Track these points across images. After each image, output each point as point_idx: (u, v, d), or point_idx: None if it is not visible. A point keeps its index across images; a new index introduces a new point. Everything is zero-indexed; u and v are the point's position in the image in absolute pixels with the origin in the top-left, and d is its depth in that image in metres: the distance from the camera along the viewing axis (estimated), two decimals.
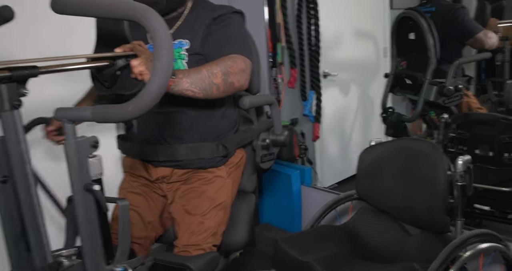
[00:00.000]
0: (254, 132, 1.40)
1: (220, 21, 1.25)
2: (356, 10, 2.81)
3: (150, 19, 0.77)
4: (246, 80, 1.20)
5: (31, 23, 1.55)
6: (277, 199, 2.42)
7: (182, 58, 1.25)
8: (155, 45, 0.76)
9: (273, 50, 2.46)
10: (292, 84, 2.59)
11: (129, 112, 0.77)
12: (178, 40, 1.26)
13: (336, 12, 2.72)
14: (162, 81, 0.77)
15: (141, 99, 0.77)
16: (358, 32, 2.83)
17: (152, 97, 0.77)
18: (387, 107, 2.46)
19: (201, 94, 1.11)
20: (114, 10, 0.79)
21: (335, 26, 2.71)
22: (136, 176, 1.38)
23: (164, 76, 0.77)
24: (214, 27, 1.25)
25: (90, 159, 0.88)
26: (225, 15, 1.26)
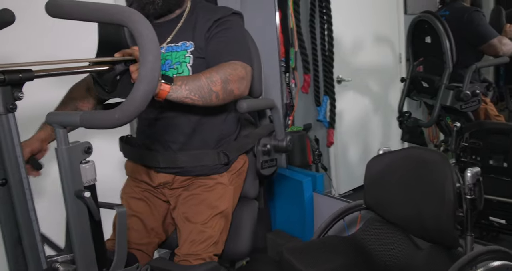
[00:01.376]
0: (255, 138, 1.38)
1: (220, 24, 1.25)
2: (370, 15, 2.77)
3: (136, 23, 0.76)
4: (246, 87, 1.20)
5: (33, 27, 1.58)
6: (289, 205, 2.40)
7: (187, 62, 1.24)
8: (141, 51, 0.75)
9: (286, 55, 2.45)
10: (306, 89, 2.58)
11: (115, 119, 0.77)
12: (181, 42, 1.26)
13: (350, 17, 2.69)
14: (147, 88, 0.76)
15: (127, 106, 0.76)
16: (372, 38, 2.79)
17: (138, 104, 0.76)
18: (404, 111, 2.40)
19: (200, 102, 1.11)
20: (102, 14, 0.79)
21: (349, 31, 2.69)
22: (138, 180, 1.39)
23: (149, 83, 0.76)
24: (215, 31, 1.24)
25: (82, 165, 0.86)
26: (225, 18, 1.26)
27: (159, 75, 0.77)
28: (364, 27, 2.76)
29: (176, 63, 1.25)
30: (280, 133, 1.38)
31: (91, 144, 0.87)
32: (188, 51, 1.25)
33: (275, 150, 1.40)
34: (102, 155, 1.63)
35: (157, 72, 0.76)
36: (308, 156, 2.57)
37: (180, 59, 1.25)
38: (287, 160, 2.45)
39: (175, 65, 1.25)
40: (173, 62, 1.25)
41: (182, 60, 1.24)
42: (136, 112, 0.76)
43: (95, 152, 1.62)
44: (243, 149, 1.37)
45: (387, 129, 2.89)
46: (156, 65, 0.75)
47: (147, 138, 1.34)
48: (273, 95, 2.40)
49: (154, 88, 0.76)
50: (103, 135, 1.46)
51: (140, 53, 0.74)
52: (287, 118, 2.53)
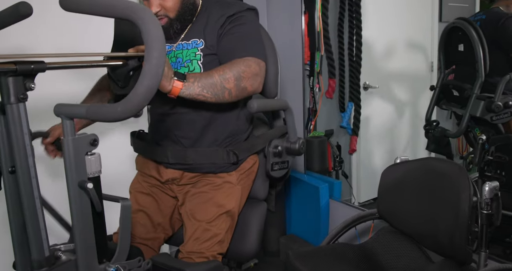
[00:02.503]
0: (267, 139, 1.37)
1: (234, 20, 1.24)
2: (403, 21, 2.70)
3: (145, 20, 0.78)
4: (260, 84, 1.20)
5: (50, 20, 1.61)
6: (305, 210, 2.38)
7: (198, 59, 1.25)
8: (146, 47, 0.77)
9: (311, 59, 2.44)
10: (330, 94, 2.54)
11: (118, 113, 0.78)
12: (192, 40, 1.27)
13: (381, 22, 2.64)
14: (150, 83, 0.77)
15: (130, 100, 0.78)
16: (404, 44, 2.72)
17: (140, 99, 0.78)
18: (431, 120, 2.33)
19: (212, 99, 1.12)
20: (112, 9, 0.81)
21: (379, 36, 2.64)
22: (147, 175, 1.40)
23: (152, 79, 0.77)
24: (228, 27, 1.24)
25: (88, 156, 0.88)
26: (239, 13, 1.25)
27: (162, 72, 0.78)
28: (396, 33, 2.70)
29: (186, 61, 1.26)
30: (293, 135, 1.37)
31: (98, 137, 0.89)
32: (199, 49, 1.25)
33: (287, 152, 1.38)
34: (116, 148, 1.69)
35: (161, 68, 0.77)
36: (328, 162, 2.54)
37: (190, 57, 1.25)
38: (305, 165, 2.43)
39: (186, 63, 1.26)
40: (184, 60, 1.26)
41: (192, 58, 1.25)
42: (139, 106, 0.77)
43: (109, 146, 1.67)
44: (254, 149, 1.36)
45: (412, 139, 2.82)
46: (160, 61, 0.77)
47: (158, 132, 1.35)
48: (296, 99, 2.39)
49: (157, 84, 0.77)
50: (119, 129, 1.50)
51: (146, 49, 0.76)
52: (309, 123, 2.51)
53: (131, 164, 1.50)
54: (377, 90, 2.65)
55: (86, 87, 1.44)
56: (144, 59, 0.79)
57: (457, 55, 2.16)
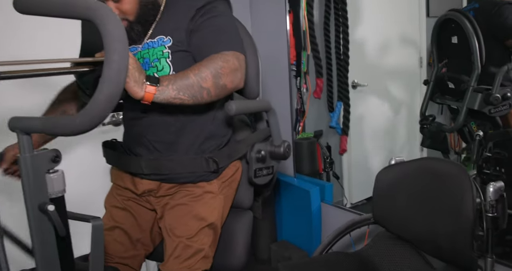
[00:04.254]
0: (249, 143, 1.24)
1: (205, 12, 1.12)
2: (390, 17, 2.62)
3: (103, 18, 0.69)
4: (241, 79, 1.09)
5: None
6: (296, 215, 2.24)
7: (166, 57, 1.13)
8: (106, 49, 0.69)
9: (298, 59, 2.32)
10: (318, 94, 2.43)
11: (76, 126, 0.70)
12: (158, 37, 1.14)
13: (368, 20, 2.54)
14: (110, 91, 0.69)
15: (88, 111, 0.69)
16: (391, 41, 2.64)
17: (100, 109, 0.69)
18: (427, 115, 2.21)
19: (190, 101, 1.01)
20: (68, 9, 0.72)
21: (366, 34, 2.54)
22: (121, 188, 1.27)
23: (113, 86, 0.69)
24: (200, 20, 1.11)
25: (49, 174, 0.78)
26: (210, 4, 1.13)
27: (125, 77, 0.70)
28: (383, 30, 2.61)
29: (154, 60, 1.13)
30: (277, 138, 1.24)
31: (60, 152, 0.79)
32: (166, 47, 1.13)
33: (271, 157, 1.25)
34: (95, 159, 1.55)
35: (122, 73, 0.69)
36: (318, 163, 2.42)
37: (158, 56, 1.13)
38: (295, 168, 2.31)
39: (154, 62, 1.13)
40: (151, 60, 1.14)
41: (160, 56, 1.13)
42: (99, 117, 0.69)
43: (87, 156, 1.51)
44: (235, 156, 1.24)
45: (404, 136, 2.74)
46: (121, 65, 0.69)
47: (131, 139, 1.23)
48: (283, 100, 2.28)
49: (119, 91, 0.69)
50: (99, 138, 1.37)
51: (105, 52, 0.68)
52: (298, 124, 2.40)
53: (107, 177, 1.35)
54: (366, 88, 2.56)
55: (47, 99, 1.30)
56: (104, 63, 0.69)
57: (450, 48, 2.06)
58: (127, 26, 1.12)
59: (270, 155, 1.25)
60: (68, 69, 0.89)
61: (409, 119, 2.66)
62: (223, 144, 1.23)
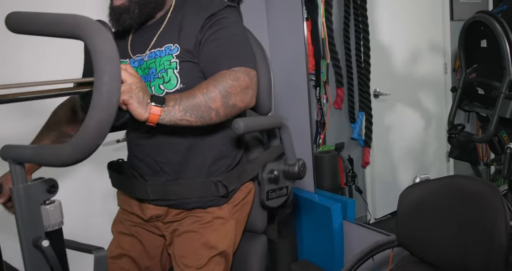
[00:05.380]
0: (261, 163, 1.19)
1: (215, 23, 1.08)
2: (413, 22, 2.55)
3: (92, 36, 0.65)
4: (252, 97, 1.05)
5: None
6: (317, 233, 2.17)
7: (173, 68, 1.09)
8: (95, 70, 0.64)
9: (317, 68, 2.28)
10: (339, 105, 2.38)
11: (65, 156, 0.66)
12: (165, 46, 1.11)
13: (389, 25, 2.48)
14: (102, 117, 0.64)
15: (78, 140, 0.65)
16: (415, 47, 2.56)
17: (91, 137, 0.64)
18: (456, 124, 2.12)
19: (198, 123, 0.98)
20: (56, 27, 0.69)
21: (388, 40, 2.48)
22: (128, 213, 1.24)
23: (104, 111, 0.64)
24: (209, 31, 1.08)
25: (45, 206, 0.76)
26: (219, 13, 1.09)
27: (118, 100, 0.65)
28: (405, 36, 2.54)
29: (161, 71, 1.10)
30: (291, 156, 1.18)
31: (56, 182, 0.76)
32: (174, 56, 1.09)
33: (285, 177, 1.19)
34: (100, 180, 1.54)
35: (114, 97, 0.64)
36: (340, 177, 2.36)
37: (165, 66, 1.09)
38: (315, 183, 2.24)
39: (160, 73, 1.10)
40: (158, 70, 1.10)
41: (167, 66, 1.09)
42: (90, 147, 0.65)
43: (92, 177, 1.48)
44: (246, 177, 1.19)
45: (430, 146, 2.64)
46: (113, 88, 0.64)
47: (137, 160, 1.19)
48: (301, 112, 2.23)
49: (112, 117, 0.65)
50: (109, 156, 1.35)
51: (94, 73, 0.64)
52: (318, 136, 2.35)
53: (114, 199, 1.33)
54: (389, 97, 2.48)
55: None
56: (93, 85, 0.65)
57: (479, 52, 1.96)
58: (127, 6, 1.08)
59: (283, 175, 1.19)
60: (69, 90, 0.86)
61: (435, 128, 2.57)
62: (233, 164, 1.18)
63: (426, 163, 2.64)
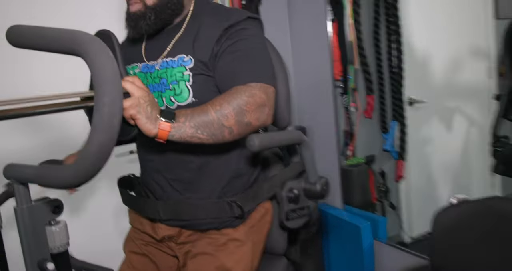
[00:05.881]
0: (280, 181, 1.21)
1: (233, 35, 1.10)
2: (452, 22, 2.51)
3: (91, 54, 0.68)
4: (269, 115, 1.07)
5: None
6: (346, 253, 2.16)
7: (186, 80, 1.11)
8: (95, 90, 0.68)
9: (344, 74, 2.29)
10: (369, 114, 2.38)
11: (67, 179, 0.70)
12: (178, 56, 1.13)
13: (424, 25, 2.46)
14: (102, 139, 0.67)
15: (80, 163, 0.69)
16: (454, 49, 2.52)
17: (93, 159, 0.68)
18: (500, 136, 2.08)
19: (210, 141, 1.00)
20: (56, 43, 0.74)
21: (423, 42, 2.46)
22: (140, 231, 1.28)
23: (104, 133, 0.68)
24: (226, 43, 1.10)
25: (50, 227, 0.80)
26: (238, 25, 1.11)
27: (119, 121, 0.69)
28: (442, 37, 2.50)
29: (172, 82, 1.12)
30: (312, 174, 1.20)
31: (62, 202, 0.81)
32: (187, 68, 1.11)
33: (306, 196, 1.21)
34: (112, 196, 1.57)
35: (115, 118, 0.68)
36: (371, 193, 2.36)
37: (177, 78, 1.11)
38: (343, 199, 2.24)
39: (172, 84, 1.12)
40: (169, 81, 1.12)
41: (179, 78, 1.11)
42: (93, 169, 0.69)
43: (103, 192, 1.51)
44: (264, 197, 1.20)
45: (471, 160, 2.59)
46: (113, 109, 0.67)
47: (147, 176, 1.23)
48: (327, 122, 2.24)
49: (113, 138, 0.68)
50: (118, 172, 1.38)
51: (95, 93, 0.67)
52: (346, 148, 2.36)
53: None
54: (425, 105, 2.46)
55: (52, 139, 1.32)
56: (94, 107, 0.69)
57: None
58: (139, 10, 1.11)
59: (304, 194, 1.21)
60: (75, 105, 0.89)
61: (478, 140, 2.51)
62: (250, 183, 1.20)
63: (467, 178, 2.59)
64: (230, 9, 1.20)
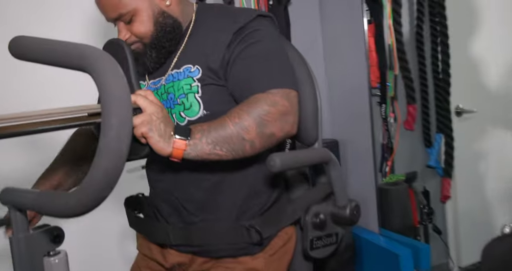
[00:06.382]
0: (304, 204, 1.18)
1: (245, 38, 1.08)
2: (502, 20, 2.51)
3: (97, 70, 0.68)
4: (293, 123, 1.05)
5: None
6: None
7: (194, 92, 1.10)
8: (102, 111, 0.67)
9: (382, 80, 2.26)
10: (410, 125, 2.36)
11: (70, 207, 0.69)
12: (184, 67, 1.12)
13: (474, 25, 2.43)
14: (109, 165, 0.67)
15: (85, 190, 0.68)
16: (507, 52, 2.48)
17: (98, 187, 0.68)
18: None
19: (230, 157, 0.99)
20: (61, 57, 0.74)
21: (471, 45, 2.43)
22: (148, 258, 1.26)
23: (112, 158, 0.67)
24: (238, 48, 1.08)
25: (49, 258, 0.79)
26: (249, 26, 1.09)
27: (128, 146, 0.69)
28: (493, 38, 2.48)
29: (180, 96, 1.11)
30: (340, 197, 1.15)
31: (62, 231, 0.81)
32: (194, 79, 1.10)
33: (334, 221, 1.17)
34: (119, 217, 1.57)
35: (123, 143, 0.68)
36: (412, 215, 2.30)
37: (184, 90, 1.10)
38: (379, 222, 2.17)
39: (180, 98, 1.11)
40: (177, 95, 1.12)
41: (187, 91, 1.10)
42: (98, 197, 0.69)
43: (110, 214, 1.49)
44: (286, 221, 1.17)
45: None
46: (122, 132, 0.67)
47: (156, 196, 1.22)
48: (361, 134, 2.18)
49: (122, 163, 0.68)
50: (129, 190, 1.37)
51: (102, 113, 0.67)
52: (384, 164, 2.33)
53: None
54: (475, 115, 2.43)
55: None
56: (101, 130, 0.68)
57: None
58: (142, 50, 1.13)
59: (332, 219, 1.17)
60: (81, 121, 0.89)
61: None
62: (269, 203, 1.18)
63: None
64: (236, 9, 1.19)
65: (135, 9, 1.08)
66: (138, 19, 1.09)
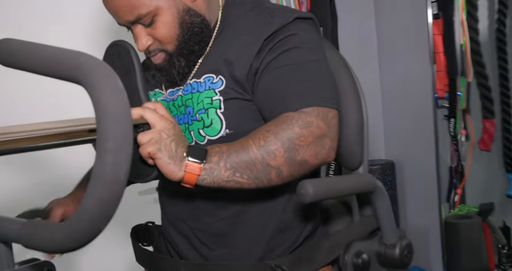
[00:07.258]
0: (343, 240, 1.16)
1: (278, 44, 1.07)
2: None
3: (94, 83, 0.68)
4: (331, 148, 1.03)
5: None
6: None
7: (216, 107, 1.10)
8: (98, 132, 0.67)
9: (451, 89, 2.24)
10: (487, 145, 2.33)
11: (57, 242, 0.69)
12: (205, 76, 1.12)
13: None
14: (104, 195, 0.67)
15: (76, 223, 0.68)
16: None
17: (90, 220, 0.67)
18: None
19: (252, 185, 0.99)
20: (56, 68, 0.73)
21: None
22: None
23: (107, 187, 0.67)
24: (269, 56, 1.07)
25: None
26: (285, 31, 1.08)
27: (127, 173, 0.68)
28: None
29: (199, 111, 1.11)
30: (389, 233, 1.14)
31: (53, 265, 0.82)
32: (216, 92, 1.10)
33: (380, 263, 1.15)
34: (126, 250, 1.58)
35: (122, 169, 0.67)
36: (487, 256, 2.24)
37: (204, 105, 1.10)
38: (444, 263, 2.17)
39: (199, 114, 1.11)
40: (196, 110, 1.12)
41: (208, 105, 1.10)
42: (89, 234, 0.68)
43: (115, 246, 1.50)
44: (321, 260, 1.13)
45: None
46: (119, 158, 0.67)
47: (169, 226, 1.23)
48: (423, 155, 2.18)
49: (118, 194, 0.68)
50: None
51: (97, 135, 0.67)
52: (453, 192, 2.31)
53: None
54: None
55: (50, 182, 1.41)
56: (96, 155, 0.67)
57: None
58: (165, 61, 1.13)
59: (377, 260, 1.15)
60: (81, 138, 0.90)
61: None
62: (301, 239, 1.16)
63: None
64: (271, 7, 1.16)
65: (157, 8, 1.07)
66: (160, 19, 1.09)
